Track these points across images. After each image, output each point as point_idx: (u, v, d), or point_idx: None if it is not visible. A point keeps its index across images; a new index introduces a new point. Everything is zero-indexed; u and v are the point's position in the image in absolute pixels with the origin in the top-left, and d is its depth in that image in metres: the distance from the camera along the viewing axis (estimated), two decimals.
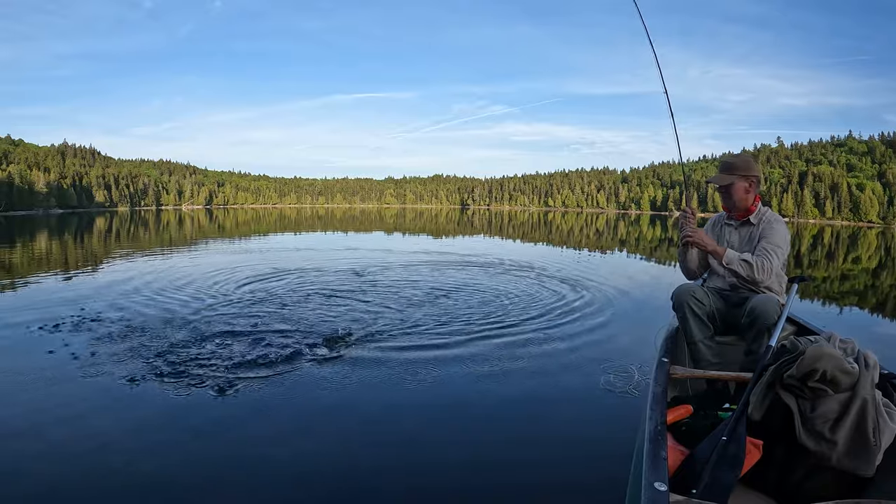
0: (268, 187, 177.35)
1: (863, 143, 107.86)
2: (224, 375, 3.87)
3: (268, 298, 6.95)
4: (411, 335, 5.20)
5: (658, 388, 2.10)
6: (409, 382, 3.91)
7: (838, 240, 31.16)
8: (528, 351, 4.79)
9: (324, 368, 4.14)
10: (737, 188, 3.13)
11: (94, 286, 7.96)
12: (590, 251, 16.89)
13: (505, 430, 3.21)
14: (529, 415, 3.45)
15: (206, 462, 2.75)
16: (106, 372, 3.94)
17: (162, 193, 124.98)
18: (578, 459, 2.86)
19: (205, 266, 10.54)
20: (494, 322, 5.78)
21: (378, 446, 2.98)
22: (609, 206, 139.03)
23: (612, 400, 3.68)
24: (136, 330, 5.14)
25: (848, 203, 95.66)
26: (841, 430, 1.84)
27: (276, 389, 3.68)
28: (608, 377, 4.09)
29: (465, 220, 55.39)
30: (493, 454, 2.90)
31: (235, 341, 4.75)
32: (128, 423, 3.15)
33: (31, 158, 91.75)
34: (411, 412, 3.46)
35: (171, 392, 3.57)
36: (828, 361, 1.82)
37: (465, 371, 4.21)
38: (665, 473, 1.48)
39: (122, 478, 2.53)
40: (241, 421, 3.21)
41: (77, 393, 3.57)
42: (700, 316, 2.97)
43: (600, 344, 5.13)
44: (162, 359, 4.22)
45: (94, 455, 2.75)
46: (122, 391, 3.59)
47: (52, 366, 4.08)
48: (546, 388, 3.91)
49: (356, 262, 11.43)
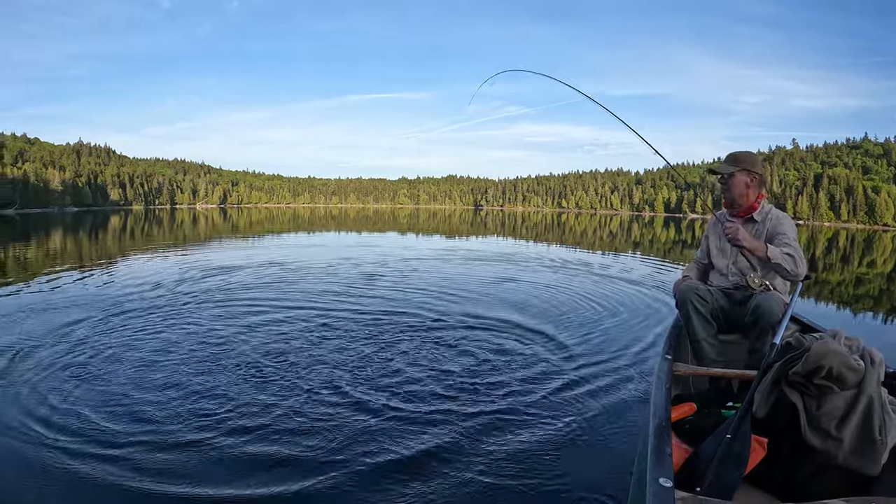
0: (281, 187, 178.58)
1: (879, 146, 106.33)
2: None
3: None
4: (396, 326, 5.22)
5: (662, 385, 2.09)
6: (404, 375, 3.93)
7: (853, 243, 30.77)
8: (531, 348, 4.80)
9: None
10: (737, 181, 3.12)
11: (123, 282, 8.06)
12: (604, 253, 16.82)
13: (506, 424, 3.19)
14: (531, 409, 3.42)
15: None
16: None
17: (176, 192, 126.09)
18: (581, 456, 2.84)
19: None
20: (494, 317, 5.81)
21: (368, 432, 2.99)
22: (623, 207, 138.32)
23: (615, 396, 3.66)
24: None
25: (863, 206, 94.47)
26: (847, 427, 1.82)
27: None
28: (612, 374, 4.09)
29: (479, 220, 55.35)
30: (495, 447, 2.90)
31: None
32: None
33: (46, 157, 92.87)
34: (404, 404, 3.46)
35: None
36: (834, 358, 1.81)
37: (466, 363, 4.22)
38: (670, 469, 1.48)
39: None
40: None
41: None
42: (703, 313, 2.96)
43: (607, 339, 5.12)
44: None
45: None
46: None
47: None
48: (549, 381, 3.89)
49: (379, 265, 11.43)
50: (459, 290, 7.80)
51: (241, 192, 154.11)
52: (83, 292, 7.15)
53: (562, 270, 10.65)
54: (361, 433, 3.03)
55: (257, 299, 6.79)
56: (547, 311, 6.41)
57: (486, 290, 7.92)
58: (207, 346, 4.63)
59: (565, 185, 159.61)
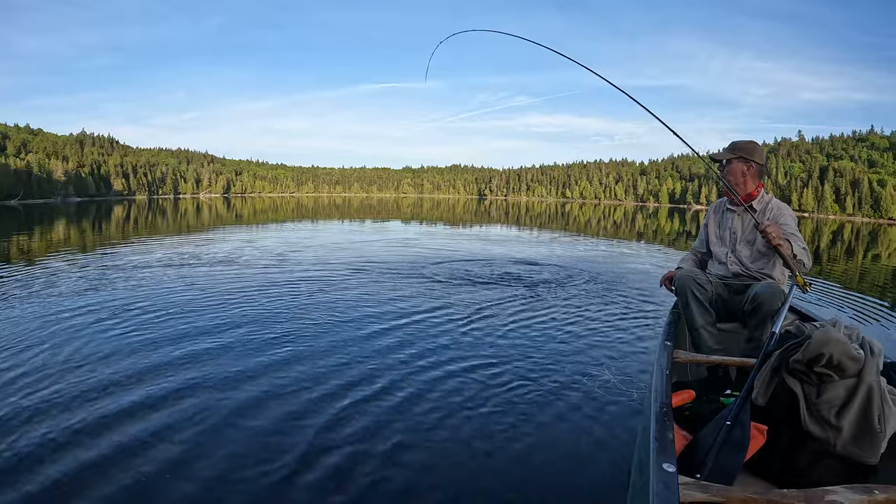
0: (285, 176, 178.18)
1: (885, 139, 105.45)
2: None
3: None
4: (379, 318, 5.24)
5: (662, 371, 2.10)
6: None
7: (858, 236, 30.64)
8: (529, 333, 4.81)
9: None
10: (733, 168, 3.12)
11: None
12: (609, 240, 16.80)
13: (505, 414, 3.18)
14: (529, 399, 3.40)
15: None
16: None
17: (180, 182, 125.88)
18: (581, 444, 2.84)
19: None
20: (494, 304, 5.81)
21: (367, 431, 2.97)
22: (627, 198, 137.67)
23: (611, 382, 3.66)
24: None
25: (869, 199, 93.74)
26: (846, 416, 1.83)
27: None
28: (610, 364, 4.10)
29: (483, 210, 55.20)
30: (489, 435, 2.89)
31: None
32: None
33: (49, 147, 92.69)
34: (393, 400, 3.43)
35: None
36: (835, 346, 1.81)
37: (461, 356, 4.23)
38: (673, 454, 1.47)
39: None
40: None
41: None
42: (702, 301, 2.96)
43: (606, 332, 5.10)
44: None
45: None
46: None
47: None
48: (544, 371, 3.90)
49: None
50: (457, 278, 7.81)
51: (245, 182, 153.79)
52: (82, 279, 7.17)
53: (557, 254, 10.63)
54: (360, 430, 3.03)
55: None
56: (542, 299, 6.42)
57: (479, 281, 7.91)
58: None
59: (570, 175, 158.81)
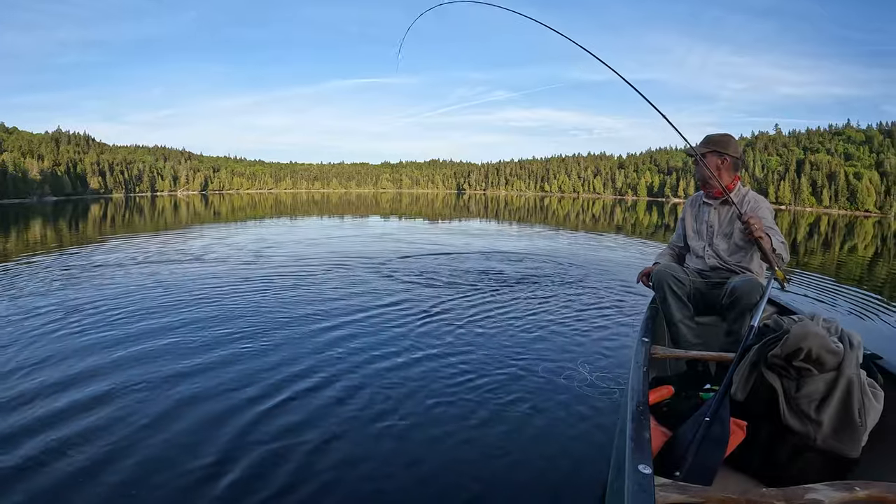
0: (263, 172, 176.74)
1: (861, 132, 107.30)
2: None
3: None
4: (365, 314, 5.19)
5: (639, 368, 2.05)
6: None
7: (835, 228, 31.14)
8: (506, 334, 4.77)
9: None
10: (708, 161, 3.09)
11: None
12: (587, 232, 16.85)
13: (475, 413, 3.12)
14: (502, 397, 3.34)
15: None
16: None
17: (157, 179, 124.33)
18: (557, 444, 2.78)
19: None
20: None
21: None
22: (605, 191, 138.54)
23: (590, 380, 3.61)
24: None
25: (845, 192, 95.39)
26: (826, 410, 1.81)
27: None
28: (586, 361, 4.05)
29: (461, 204, 55.17)
30: (471, 440, 2.82)
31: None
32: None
33: (24, 146, 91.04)
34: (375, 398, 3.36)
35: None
36: (813, 340, 1.78)
37: (438, 355, 4.14)
38: (649, 455, 1.44)
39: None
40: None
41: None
42: (680, 296, 2.93)
43: (582, 328, 5.06)
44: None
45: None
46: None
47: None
48: (521, 370, 3.84)
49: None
50: (436, 278, 7.76)
51: (223, 179, 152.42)
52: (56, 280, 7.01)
53: (536, 247, 10.63)
54: (355, 426, 2.97)
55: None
56: (517, 294, 6.39)
57: (469, 275, 7.87)
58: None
59: (548, 168, 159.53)
